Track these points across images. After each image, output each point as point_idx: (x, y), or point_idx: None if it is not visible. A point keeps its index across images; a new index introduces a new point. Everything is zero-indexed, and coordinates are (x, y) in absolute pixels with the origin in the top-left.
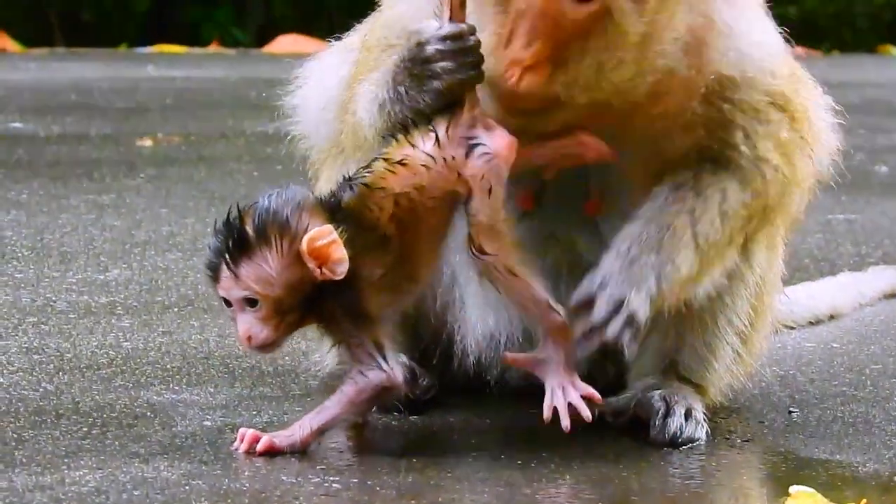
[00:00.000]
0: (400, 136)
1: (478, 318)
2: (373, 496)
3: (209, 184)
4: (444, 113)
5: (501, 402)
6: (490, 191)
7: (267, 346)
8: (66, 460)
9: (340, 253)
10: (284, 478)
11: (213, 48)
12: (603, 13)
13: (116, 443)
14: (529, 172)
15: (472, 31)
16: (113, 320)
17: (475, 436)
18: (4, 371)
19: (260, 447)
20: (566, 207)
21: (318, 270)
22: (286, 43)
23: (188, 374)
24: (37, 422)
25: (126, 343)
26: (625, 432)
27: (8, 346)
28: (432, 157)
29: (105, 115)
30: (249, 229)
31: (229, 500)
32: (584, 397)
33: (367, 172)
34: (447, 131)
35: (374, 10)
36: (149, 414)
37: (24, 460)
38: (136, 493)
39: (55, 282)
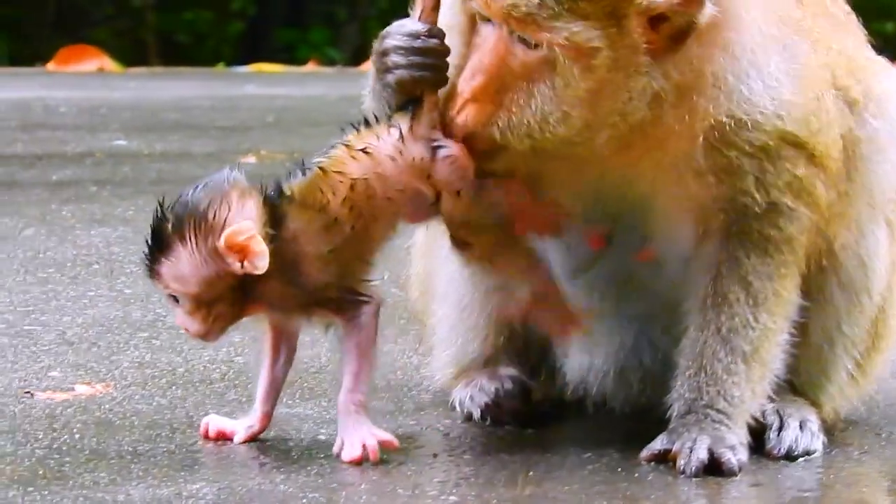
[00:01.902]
0: (361, 127)
1: (574, 353)
2: None
3: None
4: (406, 111)
5: (615, 415)
6: (458, 192)
7: (204, 336)
8: (182, 473)
9: (260, 247)
10: (401, 490)
11: (311, 67)
12: (551, 62)
13: (232, 456)
14: (599, 213)
15: (436, 33)
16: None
17: (590, 448)
18: (118, 385)
19: (371, 457)
20: (637, 247)
21: (239, 265)
22: None
23: (301, 389)
24: (151, 435)
25: (238, 358)
26: None
27: (120, 360)
28: (399, 151)
29: (207, 132)
30: (169, 226)
31: None
32: None
33: (325, 157)
34: (410, 129)
35: None
36: None
37: (140, 473)
38: None
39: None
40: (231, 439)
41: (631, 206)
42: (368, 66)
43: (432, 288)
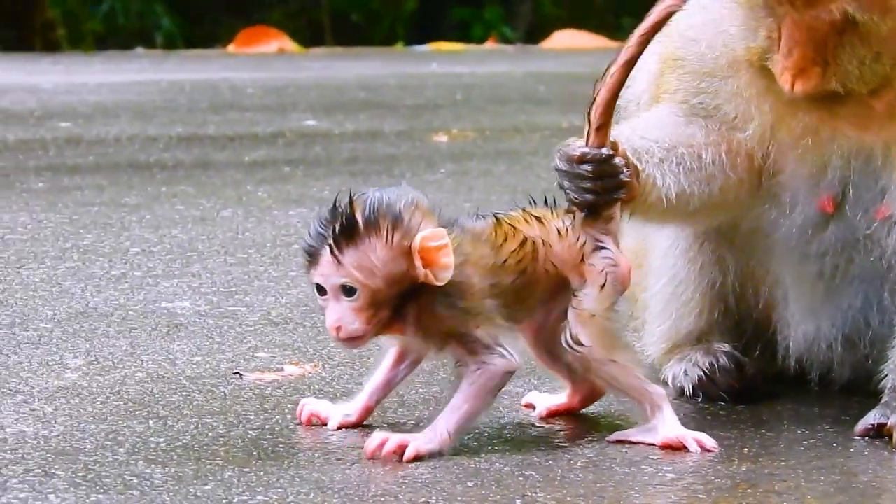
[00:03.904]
0: (541, 206)
1: (800, 321)
2: (708, 485)
3: (509, 178)
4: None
5: (827, 391)
6: (603, 287)
7: (355, 340)
8: None
9: (449, 259)
10: (617, 468)
11: (490, 45)
12: (850, 18)
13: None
14: (829, 176)
15: (596, 158)
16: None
17: (805, 424)
18: (326, 365)
19: (407, 456)
20: (868, 210)
21: (423, 272)
22: (563, 38)
23: None
24: None
25: None
26: None
27: (326, 340)
28: (567, 231)
29: (396, 111)
30: (359, 217)
31: (564, 490)
32: None
33: (502, 213)
34: (583, 222)
35: (642, 7)
36: None
37: (355, 455)
38: (469, 483)
39: None
40: (325, 424)
41: (873, 167)
42: (548, 45)
43: (646, 263)
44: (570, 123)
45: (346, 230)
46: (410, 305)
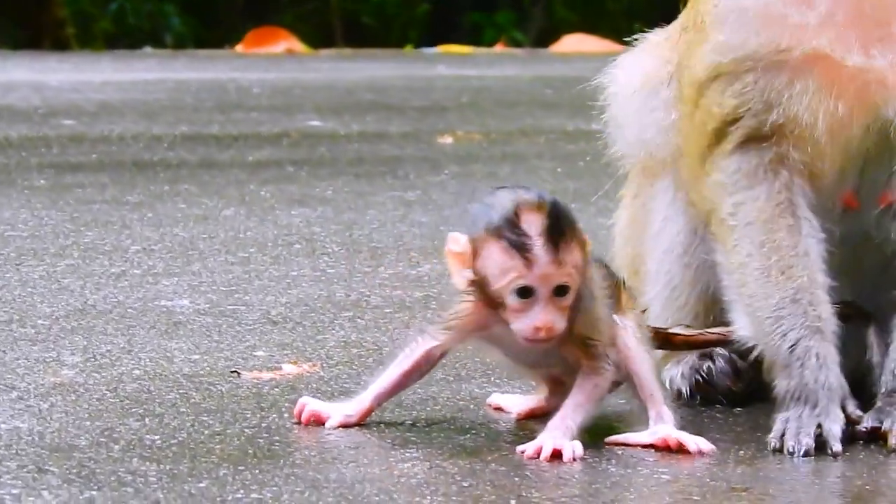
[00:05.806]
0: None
1: None
2: (703, 487)
3: (513, 181)
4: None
5: None
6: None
7: (554, 338)
8: (392, 453)
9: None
10: (612, 469)
11: (500, 48)
12: None
13: (442, 435)
14: (843, 174)
15: None
16: (428, 314)
17: None
18: (324, 364)
19: (572, 455)
20: (878, 194)
21: None
22: (572, 42)
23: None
24: None
25: None
26: None
27: (325, 340)
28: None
29: (403, 113)
30: (558, 216)
31: (559, 491)
32: None
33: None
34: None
35: (654, 13)
36: (472, 406)
37: (351, 453)
38: (465, 483)
39: (367, 277)
40: (323, 423)
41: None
42: (557, 48)
43: (643, 269)
44: (576, 127)
45: (558, 230)
46: None
